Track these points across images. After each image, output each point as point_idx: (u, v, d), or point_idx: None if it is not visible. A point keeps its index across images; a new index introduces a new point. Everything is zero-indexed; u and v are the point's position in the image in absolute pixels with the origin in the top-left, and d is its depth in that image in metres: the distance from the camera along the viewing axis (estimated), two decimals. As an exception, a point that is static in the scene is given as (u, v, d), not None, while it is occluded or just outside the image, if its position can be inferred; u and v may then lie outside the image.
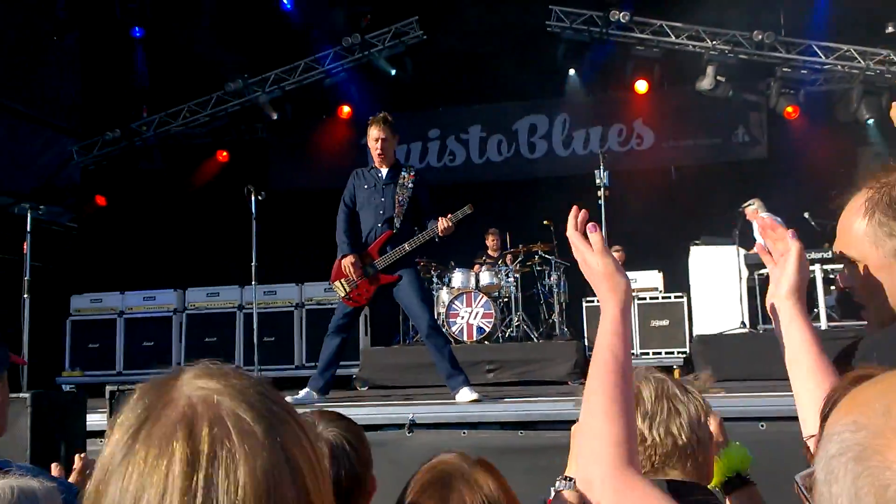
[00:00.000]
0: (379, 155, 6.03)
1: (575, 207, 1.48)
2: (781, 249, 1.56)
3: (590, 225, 1.45)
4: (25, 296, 7.08)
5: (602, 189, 6.60)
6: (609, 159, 7.03)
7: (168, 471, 0.73)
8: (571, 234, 1.47)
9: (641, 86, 11.14)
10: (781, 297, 1.52)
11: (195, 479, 0.73)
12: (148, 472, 0.74)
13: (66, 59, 13.30)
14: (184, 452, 0.74)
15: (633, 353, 7.81)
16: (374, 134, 6.04)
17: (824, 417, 0.82)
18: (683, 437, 1.72)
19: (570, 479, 1.58)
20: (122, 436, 0.78)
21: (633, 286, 8.90)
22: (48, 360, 9.79)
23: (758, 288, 8.36)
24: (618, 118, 11.94)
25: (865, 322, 1.62)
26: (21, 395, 3.48)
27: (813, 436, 0.95)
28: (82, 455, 2.11)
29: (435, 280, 9.50)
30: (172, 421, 0.76)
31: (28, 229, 7.22)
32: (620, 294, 1.37)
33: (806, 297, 1.50)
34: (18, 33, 11.37)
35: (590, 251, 1.43)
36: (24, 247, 7.22)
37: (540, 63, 11.53)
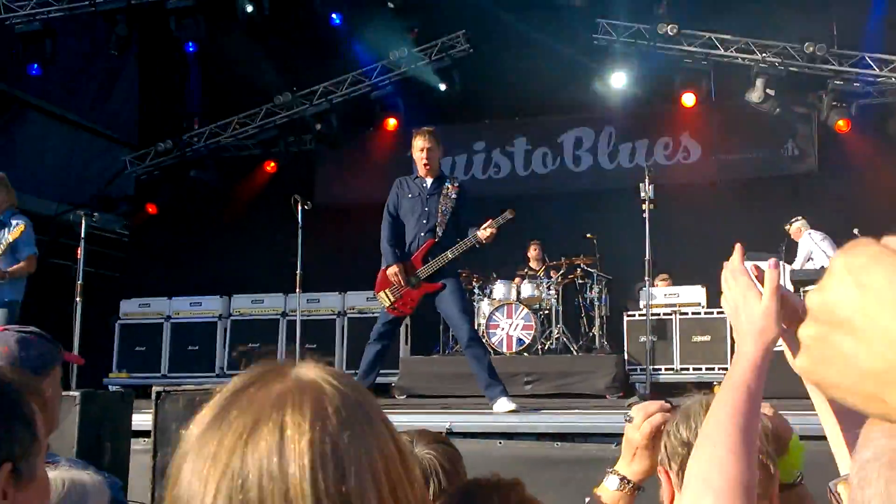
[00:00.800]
0: (424, 165, 6.11)
1: (739, 244, 1.40)
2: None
3: (772, 261, 1.34)
4: (78, 299, 7.29)
5: (647, 202, 6.57)
6: (655, 172, 7.00)
7: (260, 438, 0.74)
8: (737, 265, 1.37)
9: (689, 99, 11.05)
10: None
11: (284, 452, 0.73)
12: (245, 435, 0.74)
13: (124, 74, 13.73)
14: (279, 423, 0.75)
15: (673, 369, 7.76)
16: (419, 144, 6.12)
17: None
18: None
19: (623, 478, 1.56)
20: (222, 396, 0.79)
21: (676, 301, 8.90)
22: (97, 362, 10.06)
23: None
24: (664, 131, 11.86)
25: None
26: (71, 393, 3.61)
27: (842, 479, 0.93)
28: None
29: (476, 291, 9.53)
30: (276, 392, 0.78)
31: (83, 235, 7.44)
32: (767, 342, 1.29)
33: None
34: (80, 48, 11.75)
35: (751, 286, 1.33)
36: (78, 252, 7.44)
37: (586, 76, 11.52)
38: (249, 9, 10.74)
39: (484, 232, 5.88)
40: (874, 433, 0.70)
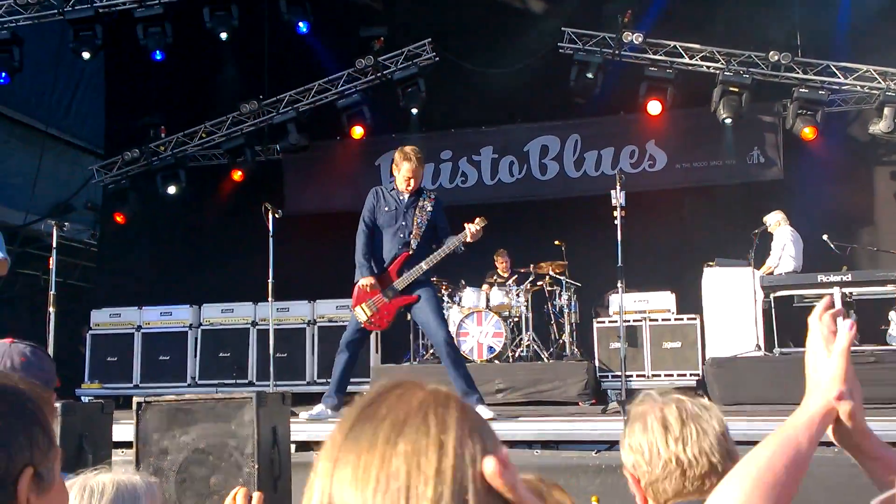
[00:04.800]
0: (409, 186, 6.13)
1: (828, 297, 1.40)
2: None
3: (849, 321, 1.31)
4: (51, 309, 7.17)
5: (618, 209, 6.65)
6: (622, 180, 7.09)
7: (419, 425, 0.79)
8: (817, 322, 1.34)
9: (654, 107, 11.19)
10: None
11: (433, 437, 0.78)
12: (399, 426, 0.80)
13: (90, 82, 13.58)
14: (434, 414, 0.80)
15: (644, 375, 7.86)
16: (409, 166, 6.10)
17: None
18: (716, 455, 1.76)
19: None
20: (366, 400, 0.84)
21: (646, 307, 9.03)
22: (69, 372, 9.91)
23: (773, 311, 8.39)
24: (630, 139, 11.99)
25: (884, 347, 1.58)
26: (50, 405, 3.56)
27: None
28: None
29: (446, 299, 9.56)
30: (421, 396, 0.83)
31: (54, 245, 7.33)
32: (830, 401, 1.27)
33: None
34: (46, 56, 11.60)
35: (822, 341, 1.31)
36: (49, 262, 7.32)
37: (552, 85, 11.63)
38: (217, 17, 10.67)
39: (472, 227, 5.90)
40: None
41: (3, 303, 6.51)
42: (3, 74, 10.58)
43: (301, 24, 11.12)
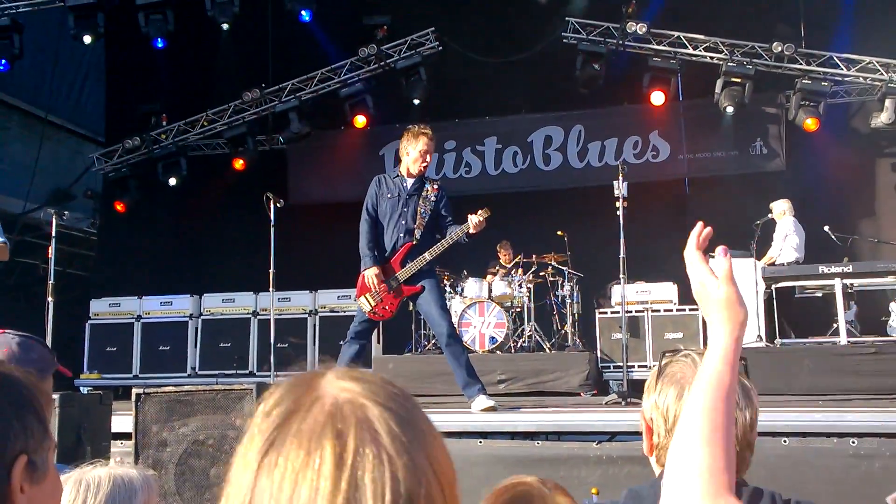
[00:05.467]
0: (423, 166, 6.05)
1: (700, 224, 1.41)
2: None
3: (721, 248, 1.37)
4: (50, 299, 7.15)
5: (621, 200, 6.62)
6: (625, 171, 7.05)
7: (319, 470, 0.74)
8: (692, 253, 1.39)
9: (658, 98, 11.13)
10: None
11: (342, 480, 0.73)
12: (301, 469, 0.75)
13: (91, 69, 13.54)
14: (332, 453, 0.75)
15: (646, 366, 7.86)
16: (423, 147, 6.00)
17: None
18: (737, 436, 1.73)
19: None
20: (269, 428, 0.78)
21: (647, 298, 9.00)
22: (68, 362, 9.89)
23: (775, 301, 8.35)
24: (634, 130, 11.94)
25: (885, 338, 1.59)
26: (49, 396, 3.54)
27: None
28: None
29: (448, 289, 9.54)
30: (320, 421, 0.77)
31: (53, 234, 7.30)
32: (737, 324, 1.31)
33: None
34: (47, 43, 11.56)
35: (709, 274, 1.36)
36: (49, 251, 7.29)
37: (555, 75, 11.58)
38: (219, 5, 10.61)
39: (474, 219, 5.84)
40: None
41: (1, 292, 6.49)
42: (3, 61, 10.56)
43: (304, 11, 11.07)
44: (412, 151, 6.04)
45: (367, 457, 0.74)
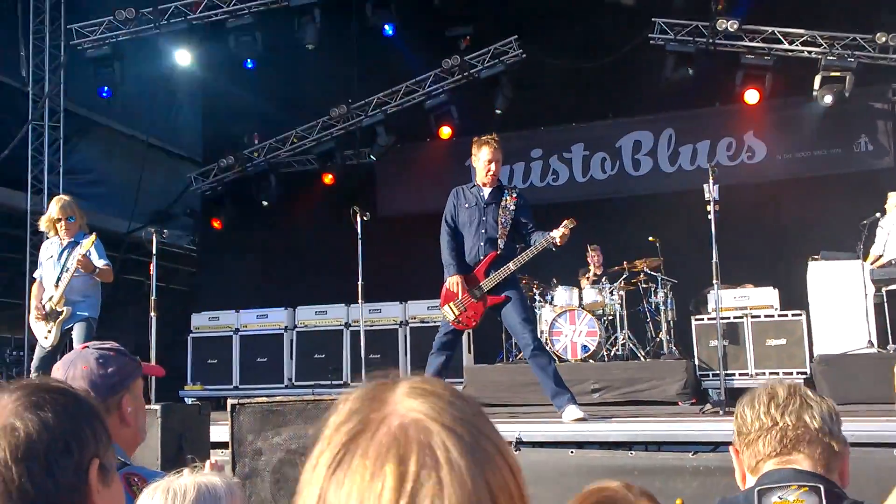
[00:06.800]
0: (492, 175, 6.05)
1: None
2: None
3: None
4: (152, 314, 7.44)
5: (712, 203, 6.42)
6: (718, 174, 6.84)
7: (381, 494, 0.74)
8: None
9: (752, 96, 10.76)
10: None
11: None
12: (364, 490, 0.75)
13: (187, 92, 14.08)
14: (394, 477, 0.75)
15: (747, 374, 7.58)
16: (487, 155, 6.00)
17: None
18: (815, 423, 1.79)
19: None
20: (338, 445, 0.79)
21: (746, 303, 8.68)
22: (173, 375, 10.29)
23: (886, 305, 7.93)
24: (727, 131, 11.61)
25: None
26: (151, 406, 3.66)
27: None
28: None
29: (537, 297, 9.46)
30: (384, 443, 0.77)
31: (154, 252, 7.60)
32: None
33: None
34: (144, 68, 12.08)
35: None
36: (151, 268, 7.60)
37: (643, 77, 11.36)
38: (304, 25, 10.86)
39: (558, 232, 5.79)
40: None
41: (110, 308, 6.80)
42: (107, 89, 11.04)
43: (387, 26, 11.22)
44: (479, 161, 6.06)
45: (427, 484, 0.74)
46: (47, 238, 6.55)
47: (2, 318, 15.02)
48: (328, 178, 12.83)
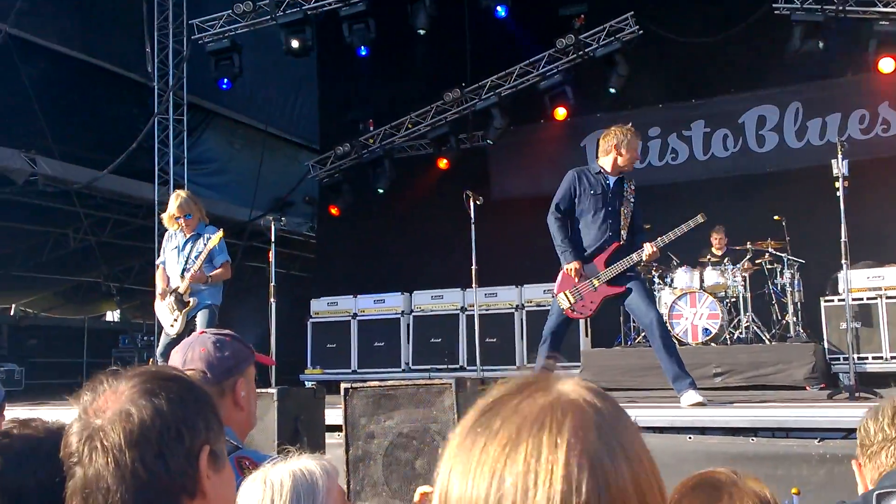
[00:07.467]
0: (632, 163, 5.99)
1: None
2: None
3: None
4: (272, 300, 7.71)
5: (840, 180, 6.08)
6: (849, 148, 6.46)
7: (530, 448, 0.76)
8: None
9: (887, 65, 10.07)
10: None
11: (544, 462, 0.76)
12: (512, 444, 0.77)
13: (304, 81, 14.49)
14: (542, 440, 0.77)
15: (882, 357, 7.17)
16: (638, 147, 6.05)
17: None
18: None
19: None
20: (489, 399, 0.83)
21: (881, 284, 8.19)
22: (294, 359, 10.66)
23: None
24: (859, 103, 10.95)
25: None
26: (268, 390, 3.81)
27: None
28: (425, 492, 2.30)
29: (656, 280, 9.24)
30: (541, 403, 0.80)
31: (272, 239, 7.86)
32: None
33: None
34: (263, 60, 12.48)
35: None
36: (269, 255, 7.88)
37: (767, 49, 10.83)
38: (417, 10, 10.93)
39: (648, 250, 5.74)
40: None
41: (233, 294, 7.10)
42: (226, 80, 11.46)
43: (499, 7, 11.12)
44: (628, 152, 5.91)
45: (569, 457, 0.76)
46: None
47: (134, 306, 15.96)
48: (443, 163, 12.92)
